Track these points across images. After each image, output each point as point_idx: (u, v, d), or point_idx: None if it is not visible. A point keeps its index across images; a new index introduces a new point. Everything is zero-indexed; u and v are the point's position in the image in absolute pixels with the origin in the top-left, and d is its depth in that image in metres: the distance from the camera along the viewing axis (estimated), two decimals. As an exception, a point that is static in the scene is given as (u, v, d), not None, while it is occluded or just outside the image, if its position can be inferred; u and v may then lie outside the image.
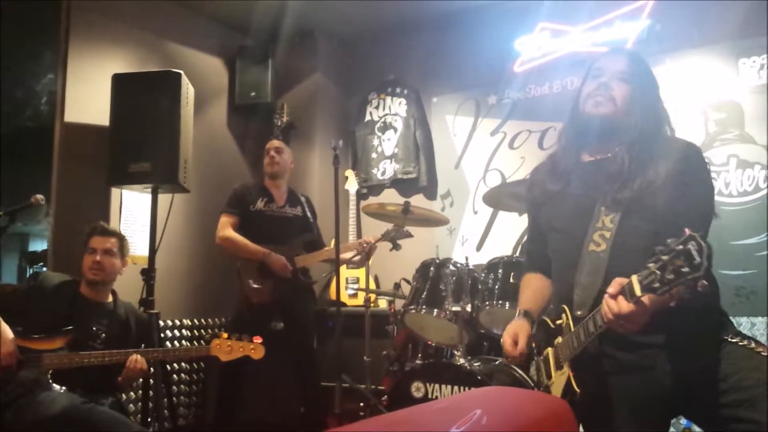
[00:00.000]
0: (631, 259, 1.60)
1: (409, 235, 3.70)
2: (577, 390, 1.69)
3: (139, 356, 2.85)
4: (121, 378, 2.89)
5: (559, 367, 1.80)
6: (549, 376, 1.83)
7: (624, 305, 1.48)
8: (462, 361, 3.07)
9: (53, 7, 4.12)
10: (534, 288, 2.07)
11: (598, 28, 4.41)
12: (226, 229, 3.85)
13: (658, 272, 1.38)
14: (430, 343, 3.59)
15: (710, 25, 4.06)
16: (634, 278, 1.45)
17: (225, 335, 2.95)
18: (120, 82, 3.72)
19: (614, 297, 1.50)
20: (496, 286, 3.25)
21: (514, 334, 1.95)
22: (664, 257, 1.37)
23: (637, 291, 1.44)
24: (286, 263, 3.74)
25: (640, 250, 1.59)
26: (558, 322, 1.82)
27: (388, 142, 5.25)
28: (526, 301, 2.04)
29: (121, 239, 3.17)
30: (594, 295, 1.69)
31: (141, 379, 3.27)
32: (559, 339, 1.81)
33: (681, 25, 4.15)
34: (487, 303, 3.25)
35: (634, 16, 4.26)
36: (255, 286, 3.76)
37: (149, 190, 3.69)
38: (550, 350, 1.86)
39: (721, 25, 4.01)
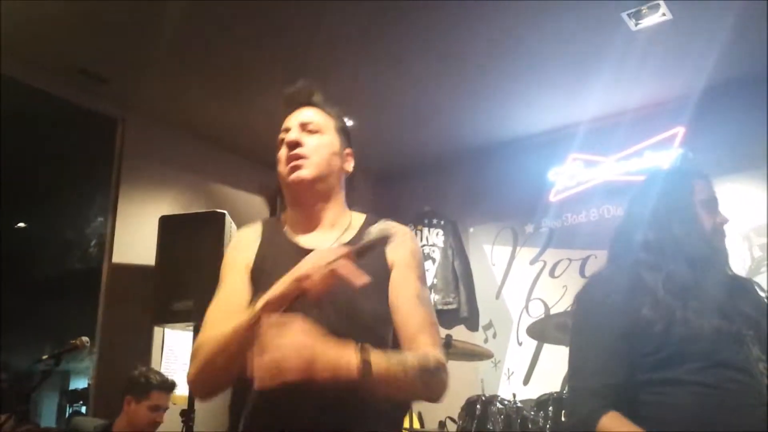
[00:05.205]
0: None
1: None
2: None
3: None
4: None
5: None
6: None
7: None
8: None
9: (105, 153, 4.36)
10: None
11: (630, 158, 4.49)
12: None
13: None
14: (480, 487, 3.38)
15: (742, 152, 4.09)
16: None
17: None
18: (166, 223, 3.83)
19: None
20: (548, 426, 3.09)
21: None
22: None
23: None
24: None
25: None
26: None
27: (426, 273, 5.23)
28: None
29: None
30: None
31: None
32: None
33: (714, 151, 4.18)
34: (538, 444, 3.08)
35: (665, 144, 4.34)
36: None
37: (191, 327, 3.70)
38: None
39: (754, 151, 4.04)
